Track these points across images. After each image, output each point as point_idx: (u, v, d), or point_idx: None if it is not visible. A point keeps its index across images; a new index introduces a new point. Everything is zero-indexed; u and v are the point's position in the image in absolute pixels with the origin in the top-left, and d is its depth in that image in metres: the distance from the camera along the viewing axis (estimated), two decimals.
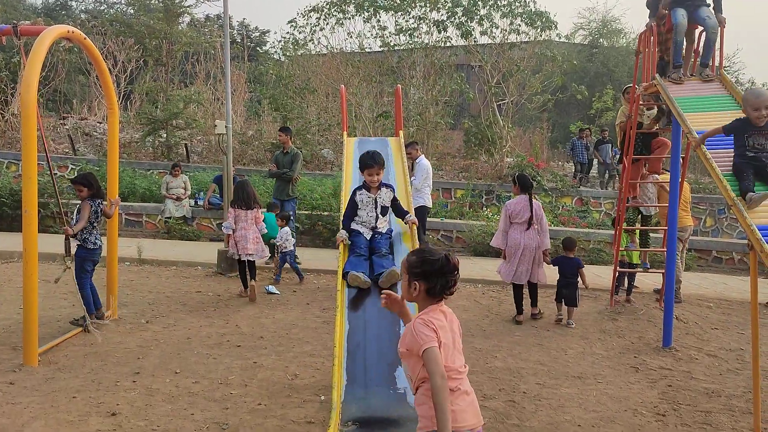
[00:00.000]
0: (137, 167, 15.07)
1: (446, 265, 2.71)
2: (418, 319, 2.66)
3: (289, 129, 11.01)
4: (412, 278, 2.72)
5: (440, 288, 2.70)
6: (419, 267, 2.71)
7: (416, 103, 17.35)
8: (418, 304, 2.79)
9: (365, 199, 5.14)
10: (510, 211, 7.53)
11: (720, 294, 9.43)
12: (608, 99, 21.71)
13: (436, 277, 2.69)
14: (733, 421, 4.76)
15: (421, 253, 2.79)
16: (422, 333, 2.60)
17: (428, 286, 2.70)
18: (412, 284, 2.72)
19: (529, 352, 6.35)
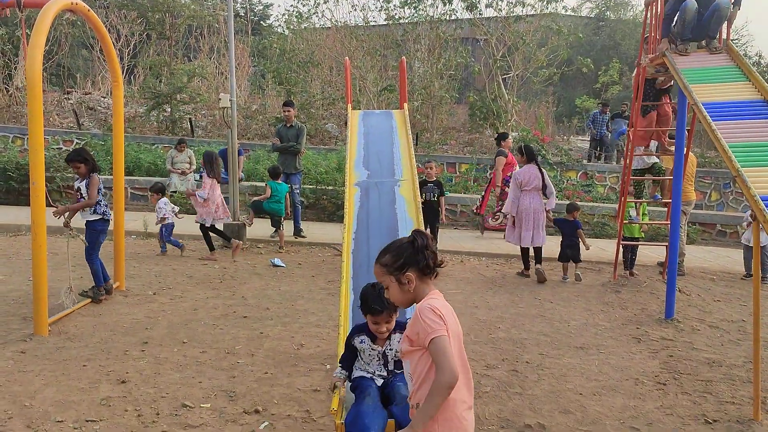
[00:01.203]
0: (142, 141, 15.09)
1: (421, 239, 2.51)
2: (424, 305, 2.39)
3: (293, 103, 11.00)
4: (400, 274, 2.47)
5: (432, 262, 2.49)
6: (399, 259, 2.48)
7: (421, 77, 17.26)
8: (418, 295, 2.49)
9: (368, 350, 3.47)
10: (520, 179, 8.22)
11: (723, 267, 9.46)
12: (614, 73, 21.56)
13: (420, 254, 2.47)
14: (732, 390, 4.82)
15: (389, 248, 2.55)
16: (429, 319, 2.32)
17: (419, 266, 2.47)
18: (403, 279, 2.46)
19: (532, 323, 6.41)
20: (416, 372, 2.39)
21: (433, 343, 2.27)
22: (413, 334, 2.37)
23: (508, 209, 8.42)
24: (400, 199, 5.54)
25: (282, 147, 10.20)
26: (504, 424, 4.14)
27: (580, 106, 21.33)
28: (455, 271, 8.65)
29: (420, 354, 2.36)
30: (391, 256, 2.49)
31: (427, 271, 2.48)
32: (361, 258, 4.92)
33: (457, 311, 6.74)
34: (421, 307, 2.38)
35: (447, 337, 2.29)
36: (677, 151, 6.74)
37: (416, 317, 2.36)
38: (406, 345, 2.43)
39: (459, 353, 2.39)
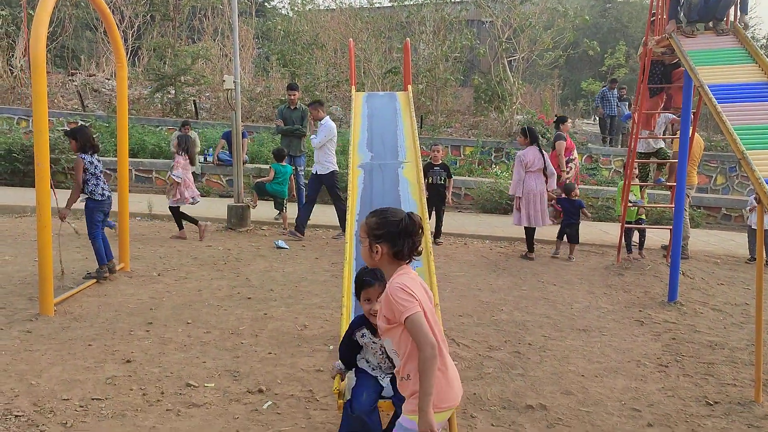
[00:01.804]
0: (146, 123, 15.08)
1: (410, 225, 2.54)
2: (394, 284, 2.46)
3: (298, 86, 10.95)
4: (374, 241, 2.53)
5: (408, 250, 2.53)
6: (381, 228, 2.53)
7: (426, 59, 17.15)
8: (383, 268, 2.59)
9: (370, 344, 3.22)
10: (525, 161, 8.35)
11: (727, 251, 9.45)
12: (620, 55, 21.38)
13: (401, 238, 2.51)
14: (734, 372, 4.83)
15: (382, 213, 2.59)
16: (401, 298, 2.40)
17: (394, 248, 2.51)
18: (373, 247, 2.53)
19: (535, 305, 6.43)
20: (401, 347, 2.49)
21: (409, 321, 2.37)
22: (389, 313, 2.46)
23: (514, 190, 8.53)
24: (404, 181, 5.54)
25: (287, 130, 10.17)
26: (506, 405, 4.17)
27: (586, 89, 21.20)
28: (459, 253, 8.66)
29: (401, 330, 2.45)
30: (377, 221, 2.56)
31: (399, 255, 2.53)
32: None
33: (460, 293, 6.80)
34: (391, 288, 2.45)
35: (421, 313, 2.40)
36: (682, 134, 6.70)
37: (388, 297, 2.44)
38: (384, 324, 2.50)
39: (433, 321, 2.51)
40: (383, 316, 2.49)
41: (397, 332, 2.47)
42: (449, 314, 5.85)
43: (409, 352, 2.46)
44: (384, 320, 2.50)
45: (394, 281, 2.47)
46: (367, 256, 2.57)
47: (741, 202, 12.51)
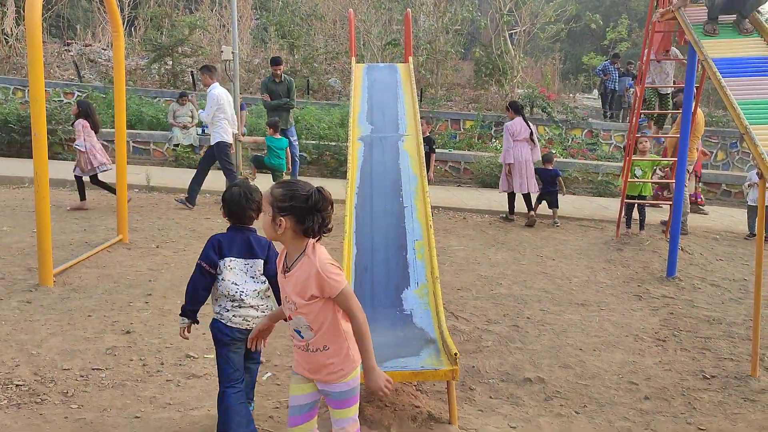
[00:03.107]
0: (143, 95, 14.95)
1: (320, 201, 2.44)
2: (323, 260, 2.41)
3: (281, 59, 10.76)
4: (278, 213, 2.41)
5: (318, 227, 2.43)
6: (287, 201, 2.41)
7: (426, 32, 16.97)
8: (285, 243, 2.49)
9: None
10: (512, 130, 8.90)
11: (727, 227, 9.45)
12: (623, 29, 21.16)
13: (309, 214, 2.41)
14: (731, 347, 4.86)
15: (289, 185, 2.48)
16: (334, 273, 2.40)
17: (302, 225, 2.41)
18: (277, 220, 2.40)
19: (533, 280, 6.44)
20: (317, 321, 2.46)
21: (341, 294, 2.41)
22: (316, 291, 2.40)
23: (504, 159, 9.00)
24: (404, 154, 5.51)
25: (276, 104, 10.06)
26: (504, 378, 4.20)
27: (587, 63, 20.99)
28: (458, 227, 8.65)
29: (321, 304, 2.43)
30: (283, 193, 2.44)
31: (308, 232, 2.44)
32: (364, 213, 4.92)
33: (459, 267, 6.81)
34: (322, 267, 2.39)
35: (348, 285, 2.47)
36: (684, 108, 6.65)
37: (318, 276, 2.38)
38: (302, 299, 2.44)
39: None
40: (307, 293, 2.42)
41: (315, 307, 2.44)
42: (448, 288, 5.86)
43: (328, 325, 2.46)
44: (306, 297, 2.43)
45: (322, 259, 2.41)
46: (268, 227, 2.44)
47: (741, 178, 12.47)
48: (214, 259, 3.13)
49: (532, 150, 9.01)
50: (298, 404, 2.60)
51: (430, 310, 4.09)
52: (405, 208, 4.92)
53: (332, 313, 2.46)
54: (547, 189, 9.10)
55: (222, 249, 3.16)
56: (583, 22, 19.44)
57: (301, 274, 2.43)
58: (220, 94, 8.67)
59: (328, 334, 2.47)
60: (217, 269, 3.14)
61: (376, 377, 2.44)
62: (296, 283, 2.44)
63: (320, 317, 2.45)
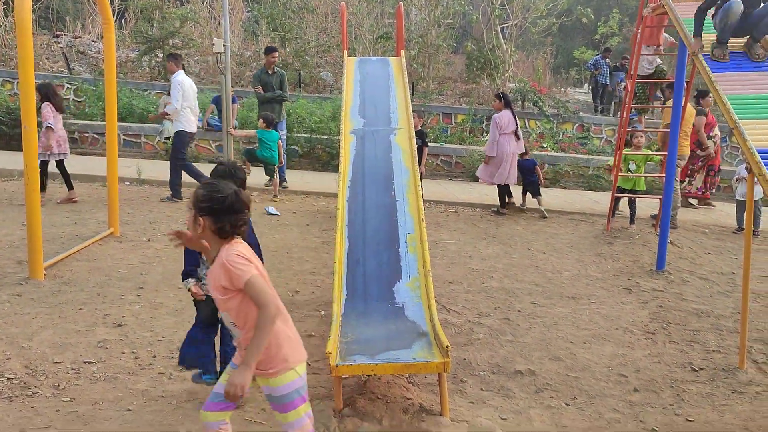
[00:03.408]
0: (134, 87, 14.86)
1: (236, 203, 2.49)
2: (229, 253, 2.45)
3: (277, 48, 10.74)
4: (198, 213, 2.48)
5: (231, 227, 2.48)
6: (206, 202, 2.47)
7: (418, 25, 16.94)
8: (207, 242, 2.54)
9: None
10: (500, 123, 8.97)
11: (715, 221, 9.53)
12: (614, 24, 21.21)
13: (225, 215, 2.47)
14: (719, 339, 4.91)
15: (210, 187, 2.53)
16: (238, 263, 2.41)
17: (217, 224, 2.46)
18: (197, 220, 2.47)
19: (524, 273, 6.47)
20: (240, 318, 2.47)
21: (249, 283, 2.38)
22: (227, 282, 2.43)
23: (489, 150, 9.11)
24: (396, 147, 5.52)
25: (270, 96, 10.03)
26: (495, 370, 4.23)
27: (579, 57, 21.03)
28: (449, 221, 8.68)
29: (239, 299, 2.44)
30: (203, 194, 2.49)
31: (222, 233, 2.48)
32: (356, 207, 4.93)
33: (451, 261, 6.85)
34: (227, 257, 2.42)
35: (258, 275, 2.43)
36: (675, 102, 6.69)
37: (224, 266, 2.42)
38: (220, 295, 2.48)
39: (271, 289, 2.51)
40: (220, 287, 2.46)
41: (235, 302, 2.45)
42: (440, 281, 5.88)
43: (252, 322, 2.43)
44: (220, 291, 2.47)
45: (230, 250, 2.45)
46: (191, 226, 2.52)
47: (730, 173, 12.56)
48: None
49: (517, 144, 9.18)
50: (216, 392, 2.66)
51: (422, 303, 4.11)
52: (397, 202, 4.93)
53: (256, 310, 2.42)
54: (528, 179, 9.36)
55: None
56: (574, 16, 19.46)
57: (215, 268, 2.47)
58: (183, 81, 8.57)
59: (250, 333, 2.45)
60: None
61: (240, 376, 2.34)
62: (212, 278, 2.50)
63: (242, 314, 2.46)
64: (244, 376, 2.34)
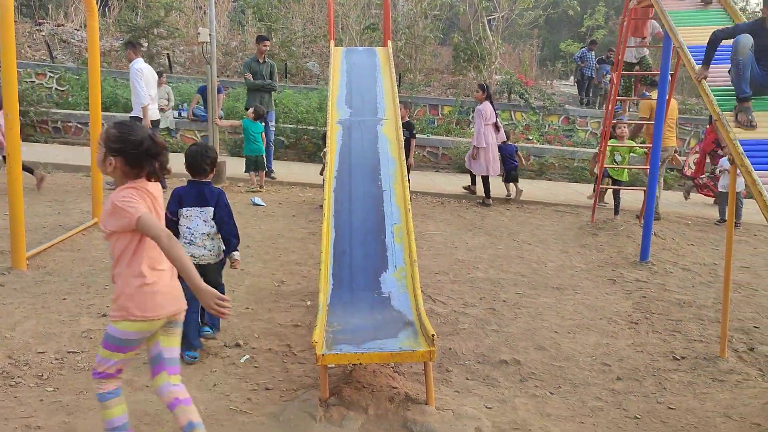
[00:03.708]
0: (118, 77, 14.71)
1: (152, 147, 2.54)
2: (119, 191, 2.53)
3: (268, 37, 10.69)
4: (109, 152, 2.51)
5: (151, 171, 2.55)
6: (118, 143, 2.50)
7: (405, 16, 16.89)
8: (116, 180, 2.59)
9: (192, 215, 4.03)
10: (484, 115, 9.24)
11: (698, 212, 9.63)
12: (600, 17, 21.25)
13: (140, 158, 2.52)
14: (701, 329, 4.98)
15: (123, 127, 2.56)
16: (127, 205, 2.46)
17: (133, 167, 2.53)
18: (107, 159, 2.51)
19: (510, 264, 6.51)
20: (115, 251, 2.58)
21: (139, 221, 2.45)
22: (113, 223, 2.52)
23: (478, 142, 9.28)
24: (383, 138, 5.51)
25: (259, 84, 9.97)
26: (480, 360, 4.25)
27: (565, 50, 21.09)
28: (436, 212, 8.70)
29: (117, 236, 2.54)
30: (116, 134, 2.53)
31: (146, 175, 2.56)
32: (343, 197, 4.92)
33: (437, 251, 6.85)
34: (114, 199, 2.50)
35: (147, 212, 2.49)
36: (659, 95, 6.74)
37: (113, 207, 2.50)
38: (104, 229, 2.58)
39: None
40: (105, 222, 2.56)
41: (114, 237, 2.56)
42: (426, 272, 5.90)
43: (118, 256, 2.57)
44: (107, 227, 2.56)
45: (119, 193, 2.51)
46: (100, 164, 2.57)
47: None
48: (174, 209, 3.92)
49: (497, 134, 9.49)
50: (149, 356, 2.78)
51: (408, 293, 4.12)
52: (384, 192, 4.93)
53: (129, 253, 2.54)
54: (511, 164, 9.65)
55: (182, 200, 3.94)
56: (560, 8, 19.51)
57: (110, 206, 2.53)
58: (143, 69, 8.42)
59: (117, 267, 2.58)
60: (177, 216, 3.91)
61: (204, 296, 2.44)
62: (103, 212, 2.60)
63: (115, 248, 2.57)
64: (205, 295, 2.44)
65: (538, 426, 3.44)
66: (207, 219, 3.93)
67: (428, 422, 3.27)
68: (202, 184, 3.99)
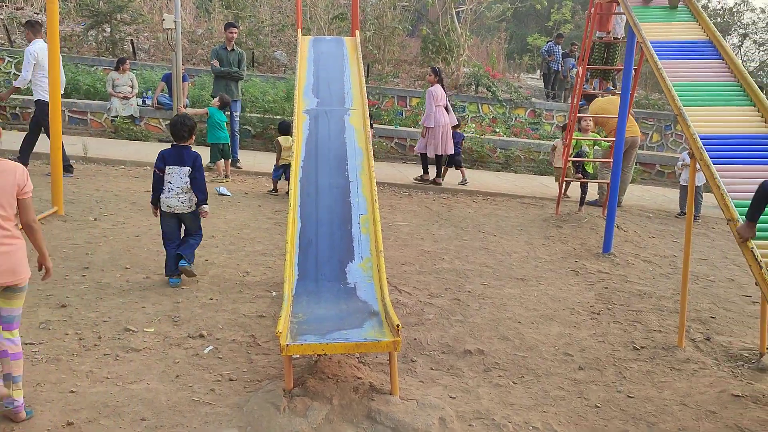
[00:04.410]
0: (80, 63, 14.37)
1: None
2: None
3: (237, 24, 10.56)
4: None
5: None
6: None
7: (374, 6, 16.84)
8: None
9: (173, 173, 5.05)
10: (435, 96, 9.55)
11: (660, 205, 9.82)
12: (566, 11, 21.48)
13: None
14: (661, 320, 5.09)
15: None
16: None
17: None
18: None
19: (475, 255, 6.56)
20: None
21: None
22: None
23: (427, 122, 9.61)
24: (350, 128, 5.48)
25: (225, 71, 9.83)
26: (445, 350, 4.28)
27: (532, 43, 21.26)
28: (403, 203, 8.71)
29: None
30: None
31: None
32: (309, 187, 4.89)
33: (404, 242, 6.85)
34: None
35: None
36: (623, 89, 6.84)
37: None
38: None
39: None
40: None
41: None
42: (392, 262, 5.91)
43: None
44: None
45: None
46: None
47: (674, 159, 12.95)
48: (161, 166, 4.96)
49: (449, 116, 9.79)
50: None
51: (373, 283, 4.12)
52: (350, 183, 4.91)
53: None
54: (457, 150, 10.13)
55: (165, 159, 4.97)
56: (528, 2, 19.64)
57: None
58: (38, 51, 7.90)
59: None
60: (164, 172, 4.94)
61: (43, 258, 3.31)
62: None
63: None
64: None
65: (501, 415, 3.48)
66: (183, 176, 4.92)
67: (392, 412, 3.29)
68: (182, 147, 4.98)
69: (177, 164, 4.91)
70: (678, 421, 3.55)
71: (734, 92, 4.88)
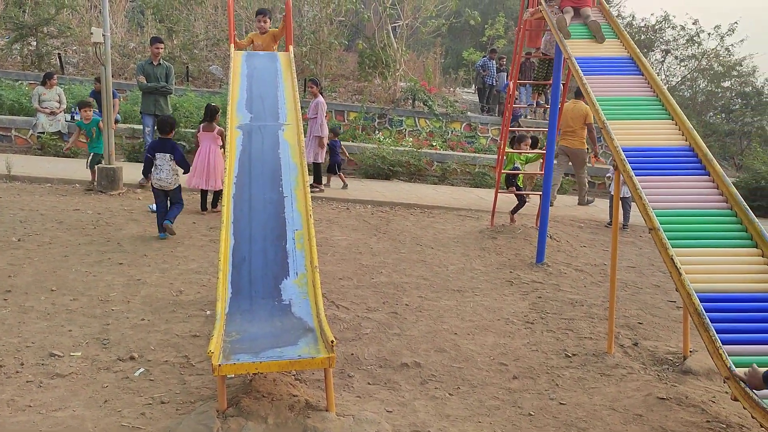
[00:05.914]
0: (3, 77, 13.82)
1: None
2: None
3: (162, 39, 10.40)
4: None
5: None
6: None
7: (310, 21, 16.85)
8: None
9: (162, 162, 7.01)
10: (324, 107, 10.23)
11: (590, 215, 10.13)
12: (500, 27, 22.02)
13: None
14: (591, 327, 5.24)
15: None
16: None
17: None
18: None
19: (412, 268, 6.61)
20: None
21: None
22: None
23: (321, 132, 10.23)
24: (284, 143, 5.44)
25: (152, 87, 9.64)
26: (382, 364, 4.29)
27: (467, 58, 21.70)
28: (341, 218, 8.70)
29: None
30: None
31: None
32: (242, 203, 4.83)
33: (342, 257, 6.84)
34: None
35: None
36: (552, 104, 7.05)
37: None
38: None
39: None
40: None
41: None
42: (330, 277, 5.89)
43: None
44: None
45: None
46: None
47: (604, 171, 13.40)
48: (152, 153, 6.89)
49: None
50: None
51: (308, 299, 4.09)
52: (285, 198, 4.88)
53: None
54: (335, 158, 10.93)
55: (154, 148, 6.94)
56: (463, 18, 20.03)
57: None
58: None
59: None
60: (154, 157, 6.87)
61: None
62: None
63: None
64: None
65: (437, 427, 3.51)
66: (168, 160, 6.91)
67: (328, 429, 3.27)
68: (165, 139, 6.97)
69: (163, 152, 6.90)
70: (607, 425, 3.66)
71: (654, 107, 5.10)
